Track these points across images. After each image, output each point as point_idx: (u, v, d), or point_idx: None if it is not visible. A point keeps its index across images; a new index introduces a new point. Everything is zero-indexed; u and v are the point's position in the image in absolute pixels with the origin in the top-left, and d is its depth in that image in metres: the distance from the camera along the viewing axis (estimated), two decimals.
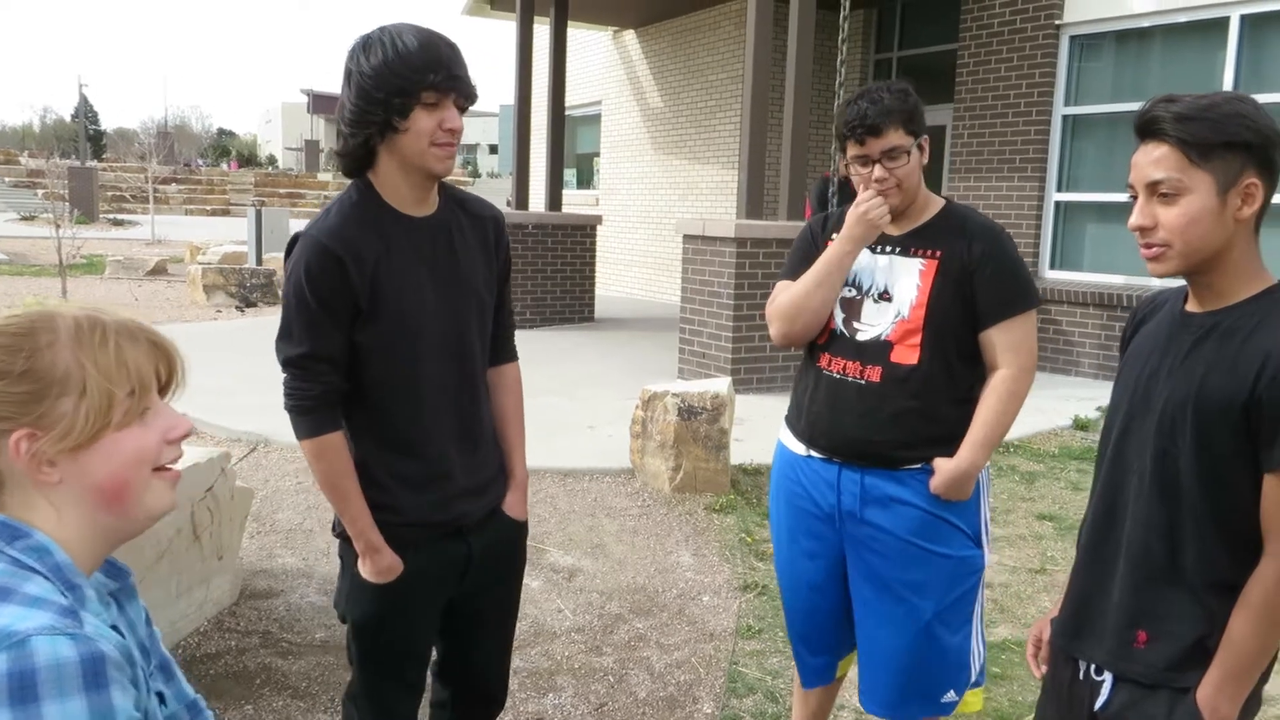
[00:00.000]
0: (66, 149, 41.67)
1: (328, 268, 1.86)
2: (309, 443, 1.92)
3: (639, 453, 5.45)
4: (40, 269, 16.44)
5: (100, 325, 1.09)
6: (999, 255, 2.31)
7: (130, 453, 1.09)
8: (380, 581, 1.98)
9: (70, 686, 0.93)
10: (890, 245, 2.38)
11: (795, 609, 2.57)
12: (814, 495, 2.43)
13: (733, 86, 12.49)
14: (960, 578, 2.37)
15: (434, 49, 1.84)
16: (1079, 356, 8.63)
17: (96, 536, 1.10)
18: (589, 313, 11.71)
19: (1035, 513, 5.12)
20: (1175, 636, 1.59)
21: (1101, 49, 8.83)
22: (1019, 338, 2.32)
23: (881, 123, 2.26)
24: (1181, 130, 1.52)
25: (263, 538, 4.55)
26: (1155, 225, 1.56)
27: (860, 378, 2.34)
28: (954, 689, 2.43)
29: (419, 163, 1.90)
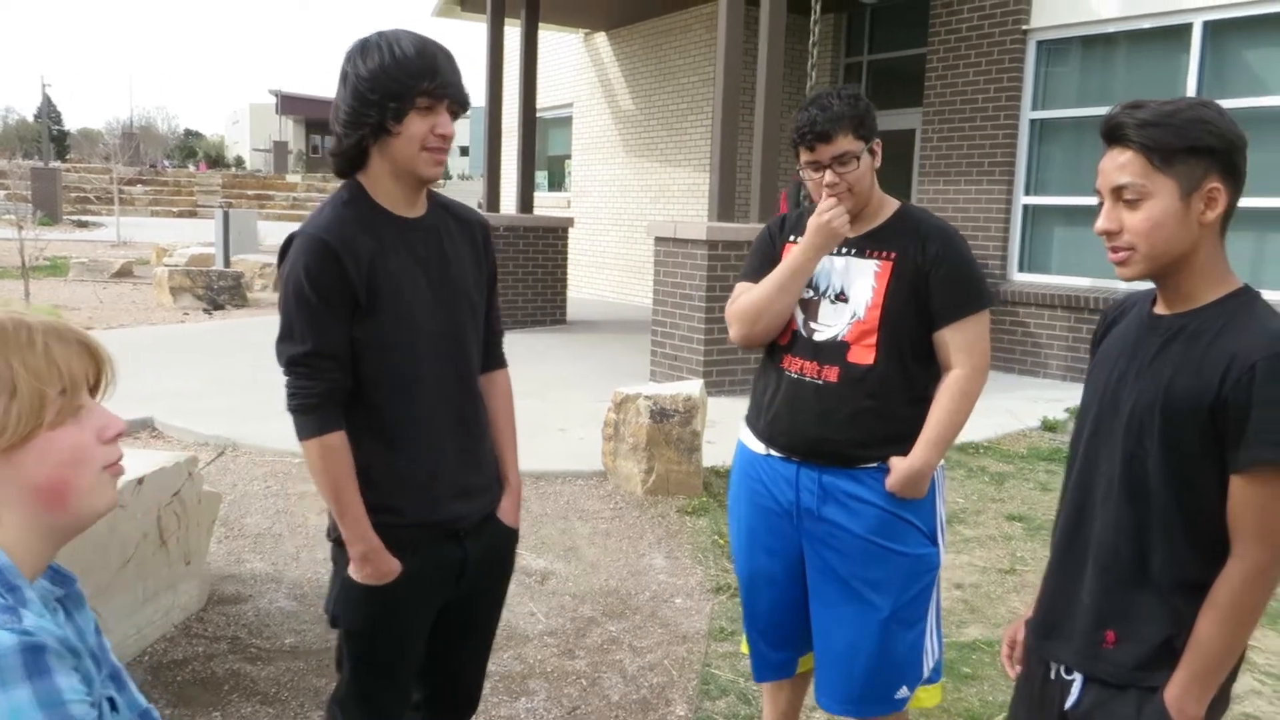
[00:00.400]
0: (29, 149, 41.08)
1: (326, 263, 1.87)
2: (313, 442, 1.90)
3: (611, 455, 5.45)
4: (2, 270, 16.17)
5: (26, 325, 1.08)
6: (953, 256, 2.35)
7: (66, 451, 1.09)
8: (376, 584, 1.97)
9: (13, 676, 0.92)
10: (846, 247, 2.42)
11: (755, 605, 2.59)
12: (773, 492, 2.46)
13: (704, 89, 12.52)
14: (916, 575, 2.41)
15: (430, 56, 1.87)
16: (1047, 358, 8.72)
17: (39, 537, 1.10)
18: (560, 315, 11.70)
19: (1005, 513, 5.16)
20: (1143, 637, 1.61)
21: (1068, 54, 8.94)
22: (972, 338, 2.36)
23: (831, 129, 2.29)
24: (1144, 136, 1.54)
25: (231, 542, 4.50)
26: (1120, 229, 1.58)
27: (818, 378, 2.38)
28: (906, 685, 2.47)
29: (410, 166, 1.92)
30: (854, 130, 2.32)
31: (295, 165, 59.67)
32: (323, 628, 3.64)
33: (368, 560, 1.95)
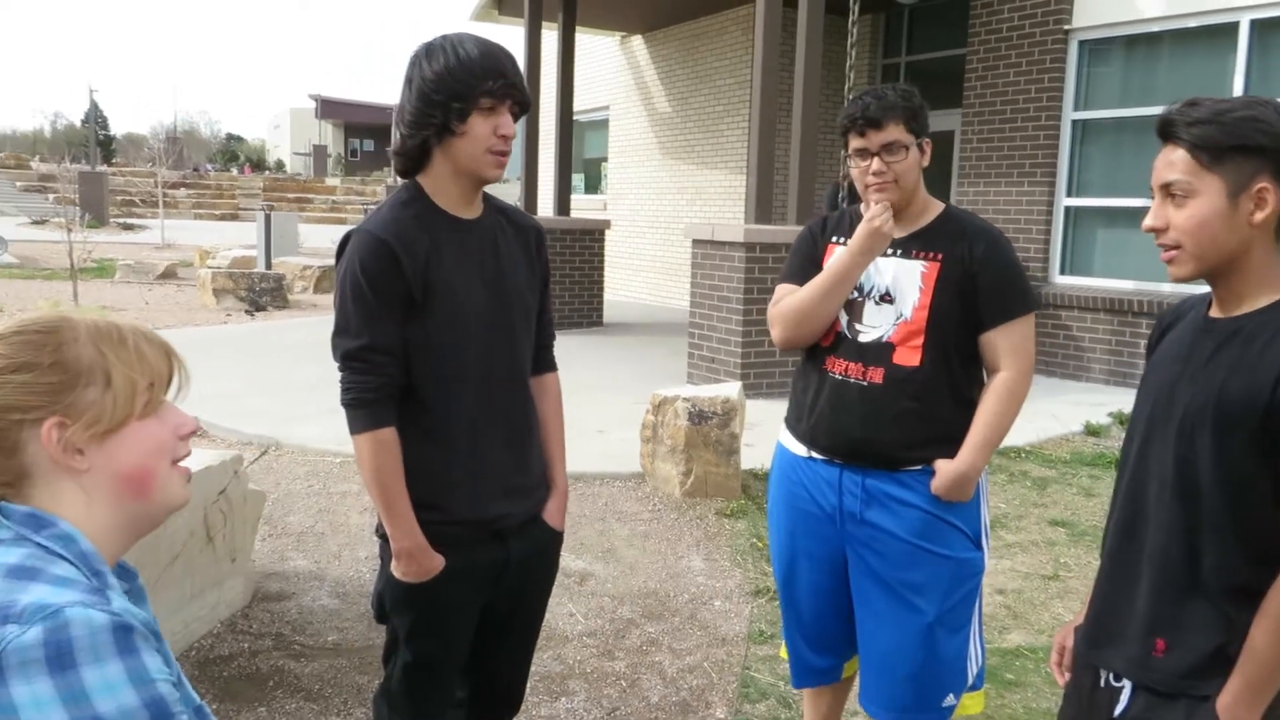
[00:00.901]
0: (77, 154, 41.84)
1: (382, 259, 1.90)
2: (365, 437, 1.93)
3: (649, 457, 5.45)
4: (51, 272, 16.50)
5: (116, 327, 1.15)
6: (999, 259, 2.34)
7: (151, 442, 1.14)
8: (417, 581, 1.99)
9: (105, 652, 0.96)
10: (891, 248, 2.40)
11: (797, 609, 2.58)
12: (815, 496, 2.45)
13: (740, 91, 12.49)
14: (961, 580, 2.38)
15: (494, 57, 1.91)
16: (1090, 362, 8.61)
17: (121, 527, 1.14)
18: (597, 317, 11.72)
19: (1048, 519, 5.11)
20: (1193, 645, 1.58)
21: (1111, 53, 8.82)
22: (1019, 340, 2.35)
23: (882, 116, 2.30)
24: (1192, 134, 1.52)
25: (274, 540, 4.56)
26: (1167, 226, 1.57)
27: (863, 379, 2.36)
28: (953, 692, 2.44)
29: (472, 167, 1.95)
30: (905, 122, 2.32)
31: (334, 169, 60.33)
32: (364, 625, 3.68)
33: (411, 557, 1.97)
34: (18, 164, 42.11)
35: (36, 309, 1.19)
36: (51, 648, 0.94)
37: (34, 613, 0.95)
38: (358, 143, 72.76)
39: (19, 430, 1.08)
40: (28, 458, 1.09)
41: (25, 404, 1.08)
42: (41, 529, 1.07)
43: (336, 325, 1.96)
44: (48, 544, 1.06)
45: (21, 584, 0.99)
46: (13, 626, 0.95)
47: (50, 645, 0.94)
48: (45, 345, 1.09)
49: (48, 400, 1.08)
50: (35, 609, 0.96)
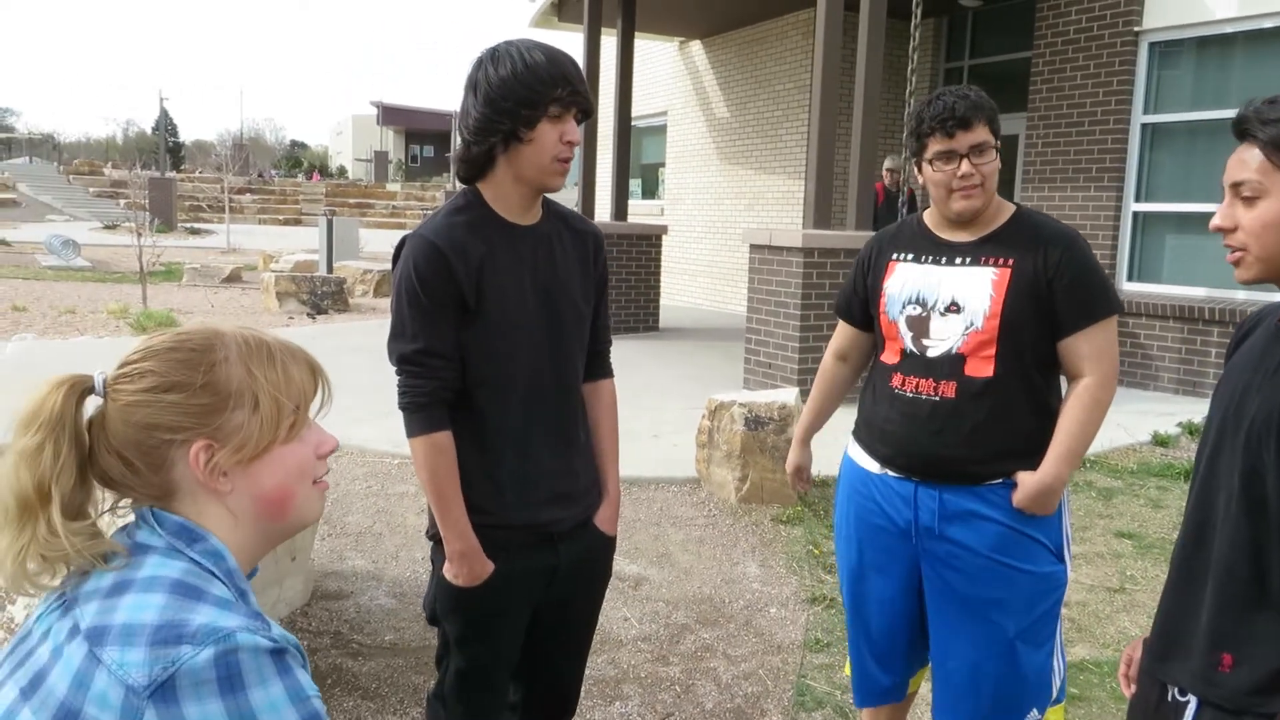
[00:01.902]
0: (147, 160, 42.93)
1: (436, 264, 1.90)
2: (421, 440, 1.94)
3: (705, 462, 5.43)
4: (122, 275, 16.94)
5: (266, 345, 1.16)
6: (1077, 261, 2.24)
7: (294, 465, 1.15)
8: (468, 585, 1.99)
9: (269, 674, 1.00)
10: (960, 255, 2.32)
11: (866, 626, 2.51)
12: (888, 511, 2.38)
13: (800, 96, 12.42)
14: (1043, 594, 2.30)
15: (561, 64, 1.91)
16: (1158, 371, 8.40)
17: (259, 542, 1.16)
18: (654, 322, 11.72)
19: (1114, 530, 4.98)
20: (1260, 660, 1.53)
21: (1182, 56, 8.61)
22: (1101, 345, 2.26)
23: (972, 116, 2.21)
24: (1268, 133, 1.47)
25: (333, 540, 4.61)
26: (1234, 227, 1.52)
27: (934, 394, 2.28)
28: (1037, 708, 2.36)
29: (536, 175, 1.95)
30: (989, 123, 2.25)
31: (395, 174, 61.16)
32: (421, 626, 3.71)
33: (464, 560, 1.97)
34: (91, 170, 43.38)
35: (190, 323, 1.20)
36: (223, 669, 0.97)
37: (207, 634, 0.98)
38: (418, 148, 73.75)
39: (168, 449, 1.09)
40: (175, 475, 1.10)
41: (175, 424, 1.09)
42: (194, 543, 1.09)
43: (393, 329, 1.97)
44: (200, 560, 1.08)
45: (190, 603, 1.01)
46: (187, 647, 0.97)
47: (221, 667, 0.97)
48: (199, 365, 1.10)
49: (197, 422, 1.09)
50: (208, 631, 0.98)
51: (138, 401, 1.08)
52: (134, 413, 1.08)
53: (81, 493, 1.09)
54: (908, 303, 2.35)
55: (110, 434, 1.09)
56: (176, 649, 0.96)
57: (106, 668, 0.96)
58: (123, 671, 0.95)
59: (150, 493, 1.10)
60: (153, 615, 0.99)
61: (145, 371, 1.09)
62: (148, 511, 1.10)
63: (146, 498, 1.11)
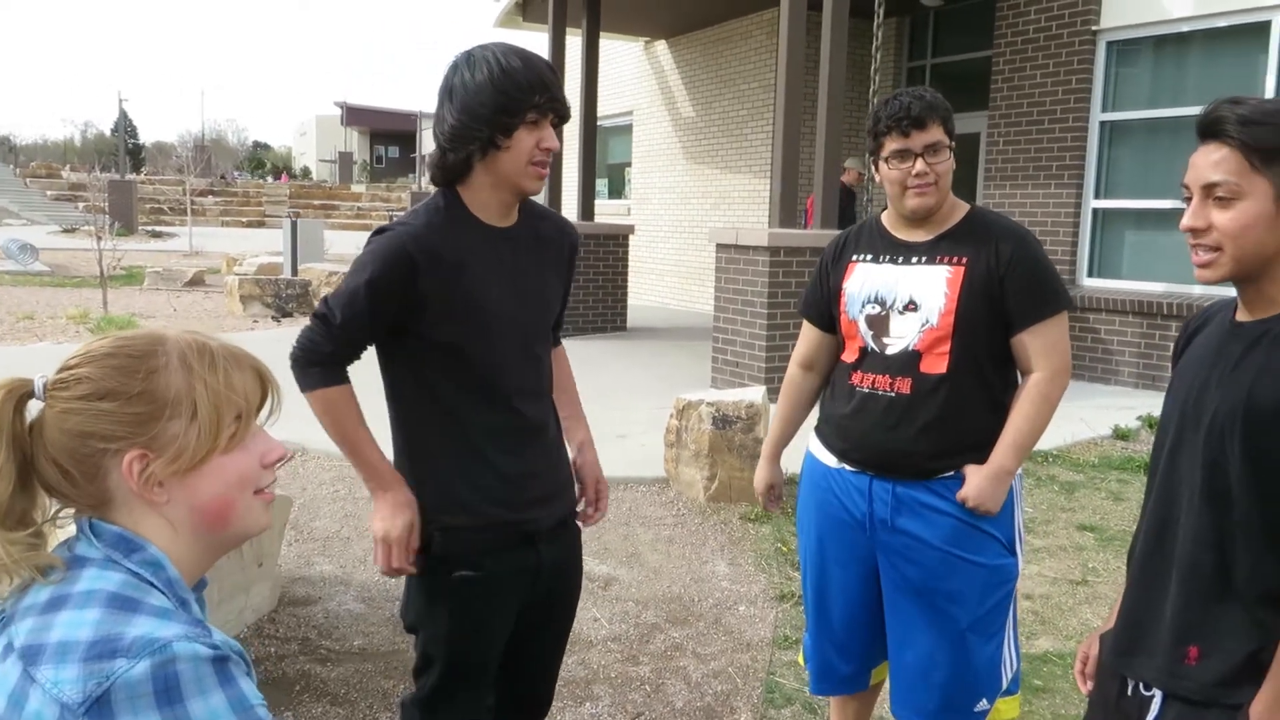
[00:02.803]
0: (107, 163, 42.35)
1: (397, 269, 1.90)
2: (318, 394, 1.96)
3: (673, 462, 5.44)
4: (81, 280, 16.70)
5: (209, 350, 1.12)
6: (1028, 258, 2.30)
7: (234, 475, 1.12)
8: (402, 534, 1.96)
9: (209, 684, 0.98)
10: (916, 254, 2.37)
11: (827, 616, 2.56)
12: (846, 504, 2.43)
13: (765, 95, 12.47)
14: (994, 586, 2.36)
15: (538, 70, 1.90)
16: (1118, 365, 8.52)
17: (201, 553, 1.14)
18: (621, 322, 11.73)
19: (1076, 523, 5.06)
20: (1226, 652, 1.55)
21: (1139, 54, 8.74)
22: (1052, 340, 2.31)
23: (926, 116, 2.27)
24: (1245, 133, 1.49)
25: (301, 545, 4.58)
26: (1208, 228, 1.53)
27: (890, 390, 2.34)
28: (986, 698, 2.42)
29: (514, 181, 1.94)
30: (943, 123, 2.30)
31: (360, 175, 60.72)
32: (390, 630, 3.69)
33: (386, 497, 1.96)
34: (49, 173, 42.67)
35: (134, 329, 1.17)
36: (159, 682, 0.95)
37: (142, 646, 0.96)
38: (383, 149, 73.28)
39: (102, 458, 1.06)
40: (109, 484, 1.08)
41: (109, 433, 1.06)
42: (132, 553, 1.07)
43: (338, 288, 1.97)
44: (139, 570, 1.06)
45: (126, 616, 0.99)
46: (122, 660, 0.95)
47: (158, 679, 0.95)
48: (136, 371, 1.07)
49: (131, 431, 1.06)
50: (144, 643, 0.96)
51: (71, 409, 1.06)
52: (68, 420, 1.06)
53: (23, 499, 1.07)
54: (867, 302, 2.40)
55: (47, 441, 1.07)
56: (111, 663, 0.94)
57: (41, 686, 0.95)
58: (57, 690, 0.94)
59: (87, 502, 1.08)
60: (88, 631, 0.97)
61: (81, 378, 1.07)
62: (85, 523, 1.09)
63: (84, 507, 1.09)
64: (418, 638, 2.09)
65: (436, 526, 2.01)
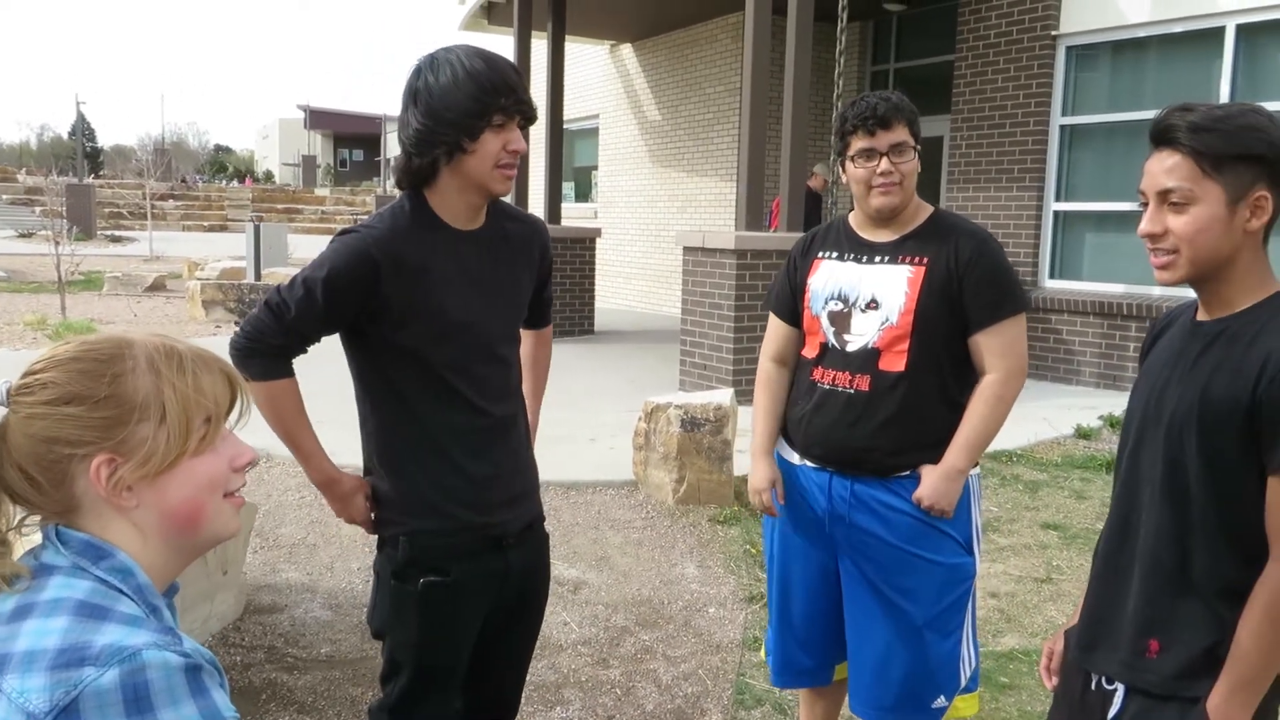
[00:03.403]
0: (64, 166, 41.70)
1: (358, 271, 1.89)
2: (261, 385, 1.94)
3: (642, 465, 5.44)
4: (39, 285, 16.42)
5: (177, 353, 1.11)
6: (986, 260, 2.34)
7: (204, 479, 1.11)
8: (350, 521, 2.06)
9: (180, 694, 0.96)
10: (879, 254, 2.41)
11: (789, 609, 2.59)
12: (807, 499, 2.47)
13: (730, 99, 12.52)
14: (951, 585, 2.40)
15: (503, 72, 1.88)
16: (1080, 365, 8.64)
17: (170, 558, 1.12)
18: (589, 325, 11.72)
19: (1039, 522, 5.12)
20: (1186, 645, 1.59)
21: (1098, 59, 8.87)
22: (1009, 341, 2.35)
23: (892, 116, 2.31)
24: (1195, 140, 1.53)
25: (266, 553, 4.53)
26: (1165, 232, 1.57)
27: (850, 387, 2.38)
28: (944, 694, 2.46)
29: (481, 183, 1.93)
30: (909, 124, 2.35)
31: (324, 179, 60.25)
32: (358, 637, 3.66)
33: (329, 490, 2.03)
34: (4, 177, 41.97)
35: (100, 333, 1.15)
36: (129, 690, 0.93)
37: (111, 655, 0.94)
38: (347, 153, 72.77)
39: (69, 463, 1.05)
40: (77, 490, 1.06)
41: (76, 438, 1.04)
42: (100, 560, 1.05)
43: (292, 279, 1.95)
44: (107, 577, 1.04)
45: (94, 623, 0.98)
46: (90, 669, 0.93)
47: (128, 688, 0.93)
48: (103, 375, 1.05)
49: (99, 435, 1.05)
50: (112, 651, 0.95)
51: (36, 414, 1.04)
52: (33, 425, 1.04)
53: None
54: (830, 299, 2.44)
55: (11, 447, 1.05)
56: (79, 671, 0.93)
57: (7, 696, 0.93)
58: (23, 699, 0.92)
59: (54, 508, 1.07)
60: (55, 640, 0.95)
61: (46, 382, 1.05)
62: (52, 530, 1.07)
63: (51, 514, 1.07)
64: (385, 643, 2.08)
65: (403, 530, 2.00)
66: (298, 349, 1.98)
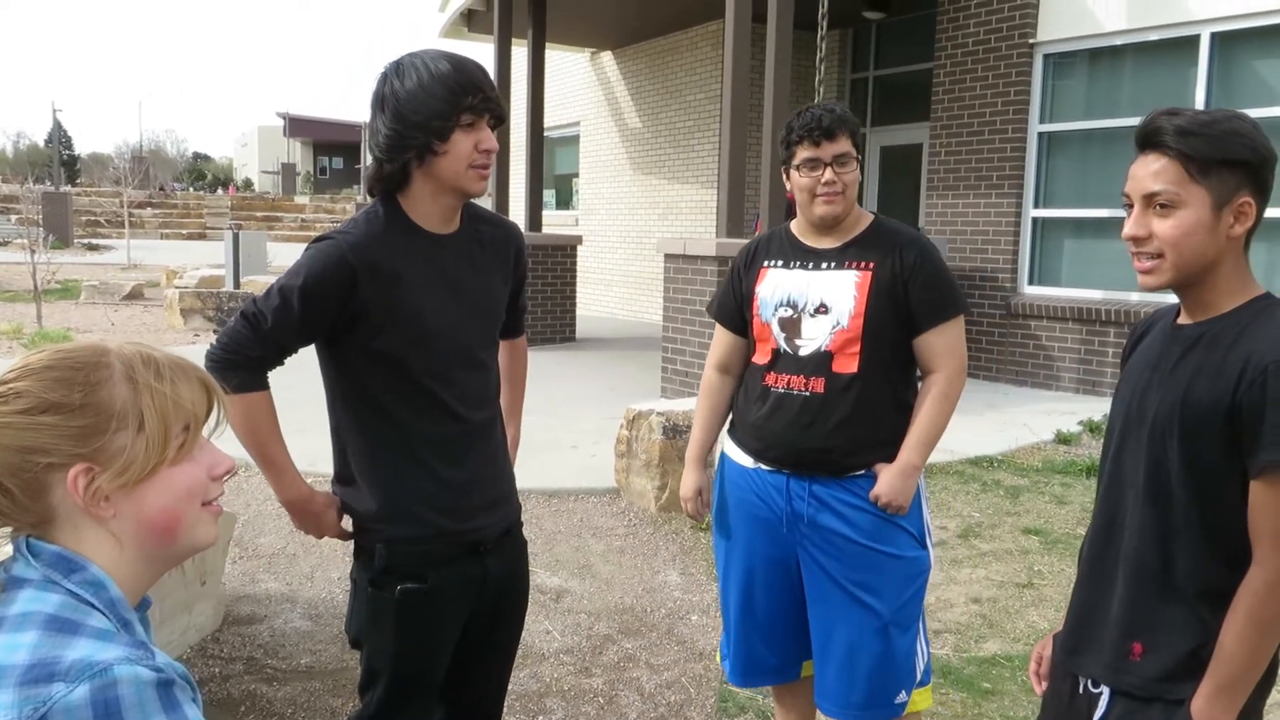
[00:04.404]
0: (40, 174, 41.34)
1: (335, 277, 1.87)
2: (238, 399, 1.91)
3: (624, 472, 5.43)
4: (15, 294, 16.26)
5: (154, 361, 1.09)
6: (929, 265, 2.44)
7: (182, 487, 1.09)
8: (318, 535, 2.07)
9: (151, 709, 0.95)
10: (825, 260, 2.48)
11: (753, 609, 2.60)
12: (765, 501, 2.50)
13: (710, 106, 12.55)
14: (909, 578, 2.46)
15: (468, 72, 1.88)
16: (1059, 371, 8.69)
17: (145, 569, 1.11)
18: (570, 333, 11.71)
19: (1020, 527, 5.13)
20: (1170, 647, 1.59)
21: (1075, 67, 8.94)
22: (951, 341, 2.45)
23: (836, 128, 2.40)
24: (1183, 144, 1.53)
25: (245, 563, 4.49)
26: (1150, 236, 1.58)
27: (805, 390, 2.44)
28: (904, 689, 2.50)
29: (456, 184, 1.92)
30: (852, 135, 2.44)
31: (303, 187, 60.00)
32: (339, 648, 3.63)
33: (297, 508, 2.02)
34: None
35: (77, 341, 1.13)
36: (99, 706, 0.92)
37: (81, 670, 0.93)
38: (327, 160, 72.51)
39: (45, 473, 1.03)
40: (53, 500, 1.04)
41: (52, 447, 1.02)
42: (72, 573, 1.03)
43: (267, 291, 1.92)
44: (79, 591, 1.02)
45: (65, 638, 0.96)
46: (60, 685, 0.92)
47: (99, 704, 0.92)
48: (77, 384, 1.04)
49: (75, 445, 1.03)
50: (83, 666, 0.93)
51: (10, 424, 1.02)
52: (6, 435, 1.02)
53: None
54: (780, 305, 2.49)
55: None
56: (48, 687, 0.91)
57: None
58: None
59: (28, 519, 1.05)
60: (24, 655, 0.94)
61: (21, 391, 1.03)
62: (22, 542, 1.05)
63: (25, 525, 1.05)
64: (363, 652, 2.06)
65: (380, 538, 1.98)
66: (275, 360, 1.96)
